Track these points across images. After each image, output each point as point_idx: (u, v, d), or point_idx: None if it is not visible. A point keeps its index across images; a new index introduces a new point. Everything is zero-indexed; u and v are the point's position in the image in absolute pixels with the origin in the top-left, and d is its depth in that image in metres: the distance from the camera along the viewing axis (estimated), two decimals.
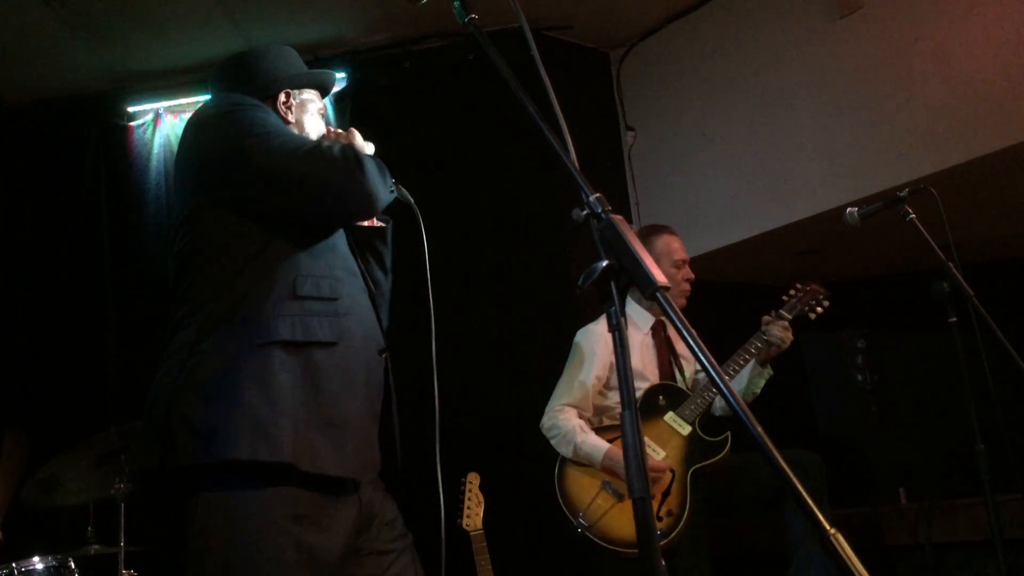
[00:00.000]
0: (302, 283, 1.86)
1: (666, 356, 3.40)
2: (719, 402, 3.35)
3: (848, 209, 3.09)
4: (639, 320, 3.45)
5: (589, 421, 3.36)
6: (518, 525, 4.06)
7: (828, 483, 3.21)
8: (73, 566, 3.18)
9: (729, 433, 3.24)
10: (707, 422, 3.31)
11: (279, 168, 1.85)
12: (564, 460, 3.32)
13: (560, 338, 4.47)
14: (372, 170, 1.89)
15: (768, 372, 3.29)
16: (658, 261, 3.36)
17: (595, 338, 3.39)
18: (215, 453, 1.70)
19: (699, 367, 3.39)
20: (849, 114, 4.33)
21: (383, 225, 2.17)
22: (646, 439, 3.19)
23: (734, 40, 4.76)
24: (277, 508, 1.71)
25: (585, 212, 1.32)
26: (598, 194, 1.32)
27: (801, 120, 4.51)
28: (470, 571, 3.28)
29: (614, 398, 3.34)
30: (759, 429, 1.16)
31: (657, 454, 3.20)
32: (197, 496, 1.72)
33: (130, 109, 4.90)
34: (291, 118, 2.13)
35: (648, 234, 3.50)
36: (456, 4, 1.61)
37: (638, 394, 3.28)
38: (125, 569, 3.20)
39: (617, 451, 3.14)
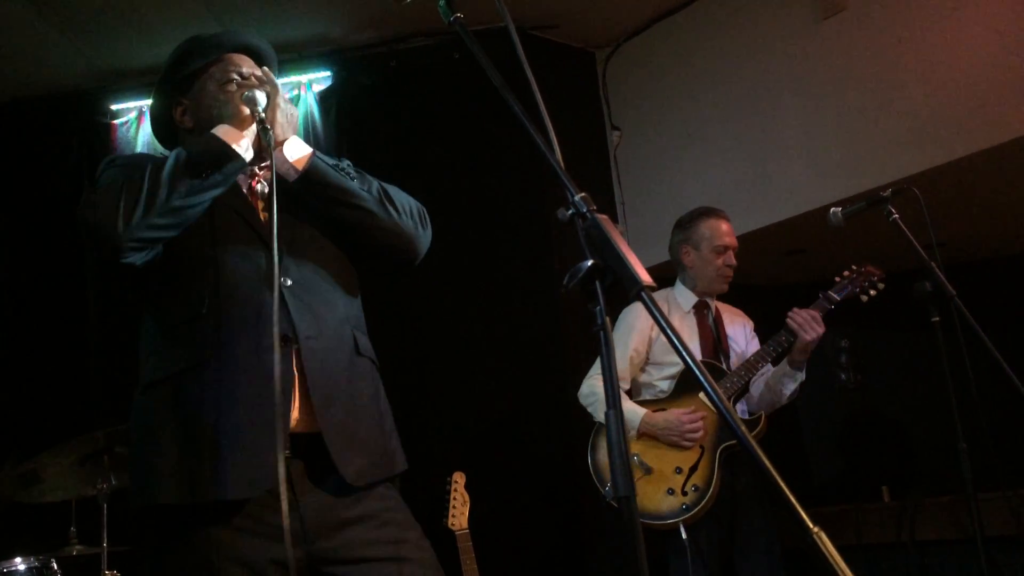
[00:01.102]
0: (165, 315, 1.87)
1: (710, 335, 3.42)
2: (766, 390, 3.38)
3: (832, 209, 3.11)
4: (681, 299, 3.49)
5: (628, 393, 3.40)
6: (504, 525, 4.07)
7: (812, 480, 3.25)
8: (56, 567, 3.15)
9: (763, 413, 3.27)
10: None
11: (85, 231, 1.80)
12: (599, 430, 3.35)
13: (546, 337, 4.49)
14: (111, 186, 1.77)
15: (800, 376, 3.27)
16: (699, 244, 3.40)
17: (636, 313, 3.42)
18: (132, 501, 1.88)
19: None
20: (833, 114, 4.35)
21: (290, 174, 1.90)
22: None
23: (719, 40, 4.78)
24: (199, 544, 1.77)
25: (570, 211, 1.32)
26: (583, 193, 1.32)
27: (786, 120, 4.53)
28: (455, 571, 3.28)
29: (655, 373, 3.40)
30: (743, 429, 1.17)
31: None
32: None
33: (113, 107, 4.87)
34: (191, 123, 2.01)
35: (696, 216, 3.47)
36: (442, 3, 1.60)
37: (675, 370, 3.33)
38: (108, 570, 3.18)
39: (655, 416, 3.23)
